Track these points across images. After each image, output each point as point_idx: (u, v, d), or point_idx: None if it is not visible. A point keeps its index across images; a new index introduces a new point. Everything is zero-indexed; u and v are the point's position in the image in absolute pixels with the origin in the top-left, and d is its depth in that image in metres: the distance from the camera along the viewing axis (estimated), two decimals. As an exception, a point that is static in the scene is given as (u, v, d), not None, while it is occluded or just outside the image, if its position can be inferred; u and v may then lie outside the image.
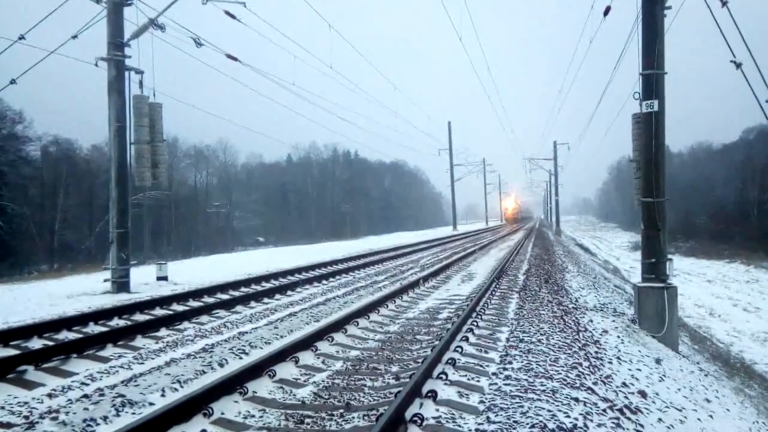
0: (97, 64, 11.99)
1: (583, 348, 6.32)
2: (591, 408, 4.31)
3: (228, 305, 9.17)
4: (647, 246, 9.00)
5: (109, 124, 12.13)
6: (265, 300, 10.04)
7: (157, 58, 12.43)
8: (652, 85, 8.53)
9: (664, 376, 6.24)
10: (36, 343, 6.65)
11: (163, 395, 4.68)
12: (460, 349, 5.83)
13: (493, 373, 5.08)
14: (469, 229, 53.47)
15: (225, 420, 4.14)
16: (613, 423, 4.11)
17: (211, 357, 5.87)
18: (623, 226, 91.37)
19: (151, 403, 4.47)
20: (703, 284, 27.18)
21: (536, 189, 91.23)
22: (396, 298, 9.72)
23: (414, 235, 46.91)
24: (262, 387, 4.87)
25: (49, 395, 4.74)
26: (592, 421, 4.04)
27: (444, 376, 4.87)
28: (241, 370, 4.84)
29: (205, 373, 5.33)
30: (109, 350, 6.34)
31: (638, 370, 6.05)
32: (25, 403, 4.53)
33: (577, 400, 4.43)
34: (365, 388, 4.87)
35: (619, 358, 6.29)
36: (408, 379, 4.66)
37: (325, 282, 12.75)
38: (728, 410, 6.19)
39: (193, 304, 9.47)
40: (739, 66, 7.88)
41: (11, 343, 6.58)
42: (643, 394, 5.15)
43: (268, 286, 11.66)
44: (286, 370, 5.35)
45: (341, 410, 4.31)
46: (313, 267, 15.44)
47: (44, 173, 49.77)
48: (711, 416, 5.46)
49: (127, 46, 12.12)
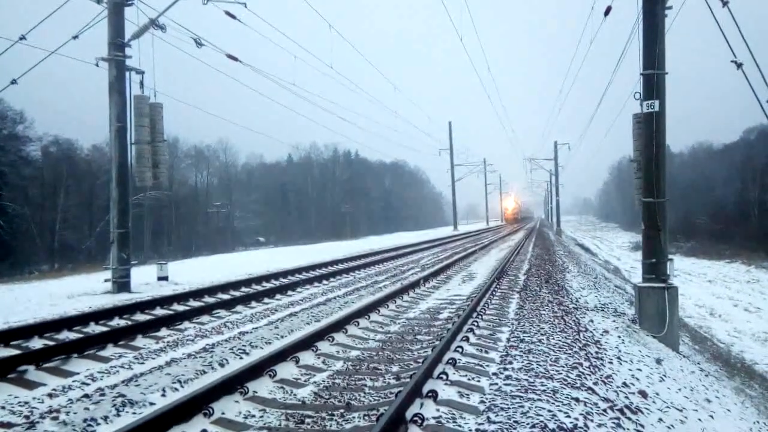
0: (97, 65, 12.00)
1: (583, 348, 6.32)
2: (591, 408, 4.31)
3: (228, 305, 9.18)
4: (648, 246, 9.00)
5: (110, 124, 12.14)
6: (266, 300, 10.04)
7: (158, 59, 12.46)
8: (653, 85, 8.53)
9: (665, 376, 6.24)
10: (37, 343, 6.65)
11: (164, 395, 4.69)
12: (461, 349, 5.83)
13: (494, 373, 5.08)
14: (470, 230, 53.45)
15: (225, 420, 4.15)
16: (614, 423, 4.11)
17: (212, 357, 5.88)
18: (624, 226, 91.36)
19: (152, 403, 4.48)
20: (703, 284, 27.17)
21: (537, 189, 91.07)
22: (396, 298, 9.72)
23: (414, 235, 46.92)
24: (263, 387, 4.87)
25: (50, 395, 4.75)
26: (592, 421, 4.04)
27: (444, 376, 4.87)
28: (242, 370, 4.85)
29: (205, 372, 5.33)
30: (110, 350, 6.35)
31: (639, 370, 6.04)
32: (26, 403, 4.54)
33: (577, 400, 4.43)
34: (366, 388, 4.88)
35: (619, 358, 6.29)
36: (408, 379, 4.66)
37: (325, 282, 12.75)
38: (729, 410, 6.18)
39: (194, 304, 9.48)
40: (739, 66, 7.88)
41: (12, 343, 6.59)
42: (643, 394, 5.15)
43: (268, 286, 11.66)
44: (287, 370, 5.35)
45: (342, 410, 4.31)
46: (314, 267, 15.45)
47: (45, 173, 49.82)
48: (711, 416, 5.45)
49: (128, 47, 12.13)
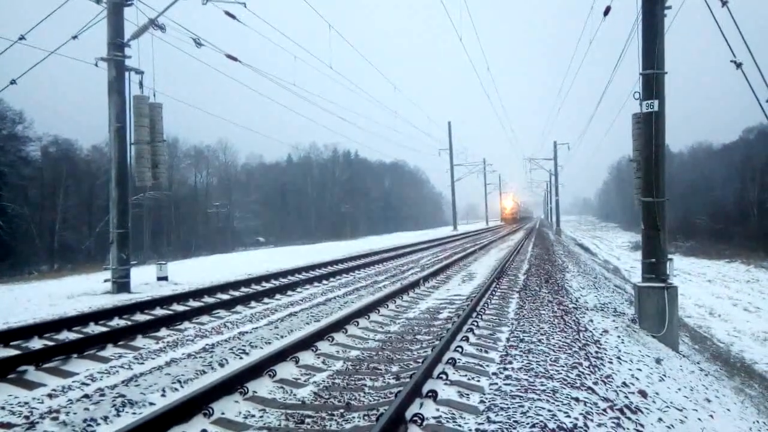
0: (97, 65, 12.00)
1: (583, 348, 6.32)
2: (591, 408, 4.31)
3: (228, 305, 9.17)
4: (647, 246, 9.01)
5: (110, 124, 12.14)
6: (266, 300, 10.04)
7: (157, 59, 12.46)
8: (652, 84, 8.54)
9: (665, 375, 6.25)
10: (36, 344, 6.65)
11: (164, 395, 4.69)
12: (461, 349, 5.83)
13: (494, 373, 5.08)
14: (470, 229, 53.47)
15: (225, 420, 4.15)
16: (614, 423, 4.11)
17: (212, 357, 5.88)
18: (623, 226, 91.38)
19: (152, 403, 4.48)
20: (703, 284, 27.18)
21: (536, 189, 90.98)
22: (396, 298, 9.72)
23: (414, 235, 46.92)
24: (263, 387, 4.87)
25: (50, 395, 4.75)
26: (592, 420, 4.05)
27: (444, 376, 4.87)
28: (242, 370, 4.85)
29: (205, 373, 5.33)
30: (110, 350, 6.34)
31: (638, 369, 6.05)
32: (26, 403, 4.53)
33: (577, 399, 4.43)
34: (365, 388, 4.87)
35: (619, 358, 6.30)
36: (408, 379, 4.66)
37: (325, 282, 12.75)
38: (729, 410, 6.19)
39: (194, 304, 9.47)
40: (739, 66, 7.89)
41: (12, 344, 6.59)
42: (643, 394, 5.15)
43: (268, 286, 11.66)
44: (287, 370, 5.35)
45: (341, 410, 4.31)
46: (313, 267, 15.44)
47: (44, 174, 49.79)
48: (711, 416, 5.46)
49: (127, 47, 12.13)
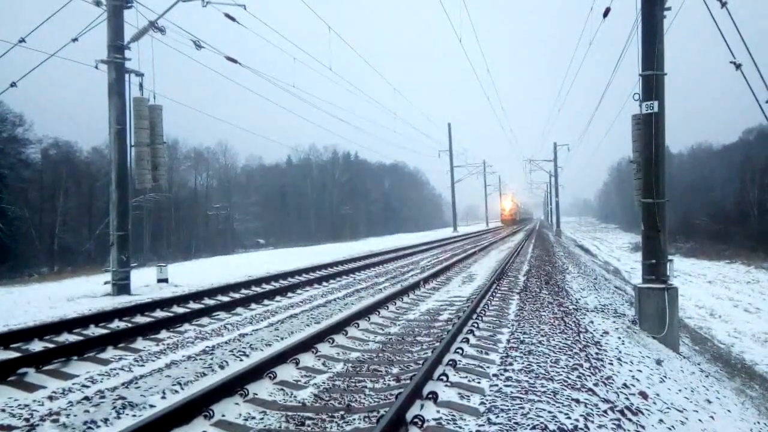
0: (97, 67, 12.01)
1: (583, 349, 6.31)
2: (592, 409, 4.31)
3: (228, 307, 9.17)
4: (647, 247, 9.01)
5: (110, 126, 12.15)
6: (266, 302, 10.03)
7: (157, 61, 12.46)
8: (652, 86, 8.54)
9: (665, 377, 6.24)
10: (36, 346, 6.65)
11: (164, 397, 4.68)
12: (461, 351, 5.83)
13: (494, 375, 5.08)
14: (470, 231, 53.46)
15: (226, 422, 4.14)
16: (614, 424, 4.11)
17: (212, 359, 5.87)
18: (623, 227, 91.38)
19: (152, 405, 4.47)
20: (703, 285, 27.16)
21: (536, 190, 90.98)
22: (396, 300, 9.72)
23: (414, 236, 46.92)
24: (263, 389, 4.87)
25: (50, 397, 4.74)
26: (593, 422, 4.04)
27: (445, 378, 4.87)
28: (242, 372, 4.84)
29: (205, 375, 5.33)
30: (110, 352, 6.34)
31: (639, 371, 6.04)
32: (26, 406, 4.53)
33: (578, 401, 4.43)
34: (366, 390, 4.87)
35: (619, 359, 6.29)
36: (409, 381, 4.65)
37: (325, 284, 12.74)
38: (729, 411, 6.18)
39: (194, 306, 9.47)
40: (738, 67, 7.90)
41: (12, 346, 6.58)
42: (644, 395, 5.14)
43: (268, 287, 11.66)
44: (287, 372, 5.35)
45: (342, 412, 4.31)
46: (314, 269, 15.44)
47: (44, 176, 49.79)
48: (712, 417, 5.45)
49: (127, 49, 12.14)
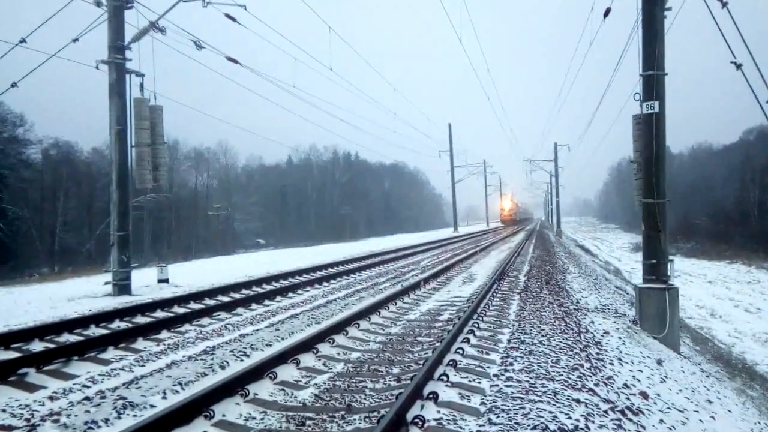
0: (97, 67, 12.01)
1: (584, 349, 6.31)
2: (592, 409, 4.31)
3: (229, 307, 9.17)
4: (648, 247, 9.00)
5: (110, 127, 12.15)
6: (266, 302, 10.03)
7: (158, 61, 12.47)
8: (653, 86, 8.54)
9: (666, 377, 6.24)
10: (37, 346, 6.65)
11: (165, 397, 4.68)
12: (462, 351, 5.83)
13: (495, 375, 5.08)
14: (470, 231, 53.45)
15: (226, 422, 4.14)
16: (615, 424, 4.10)
17: (212, 359, 5.88)
18: (624, 227, 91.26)
19: (153, 406, 4.48)
20: (704, 285, 27.12)
21: (537, 191, 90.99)
22: (397, 300, 9.72)
23: (414, 236, 46.90)
24: (263, 389, 4.87)
25: (51, 398, 4.74)
26: (593, 422, 4.04)
27: (445, 378, 4.87)
28: (242, 372, 4.84)
29: (206, 375, 5.33)
30: (111, 352, 6.34)
31: (639, 371, 6.04)
32: (27, 406, 4.53)
33: (578, 401, 4.42)
34: (366, 390, 4.87)
35: (620, 360, 6.29)
36: (409, 381, 4.65)
37: (325, 284, 12.74)
38: (730, 411, 6.17)
39: (194, 306, 9.47)
40: (739, 67, 7.90)
41: (12, 346, 6.58)
42: (644, 396, 5.14)
43: (268, 288, 11.66)
44: (287, 372, 5.35)
45: (342, 412, 4.31)
46: (314, 269, 15.43)
47: (45, 176, 49.86)
48: (713, 417, 5.45)
49: (128, 49, 12.14)
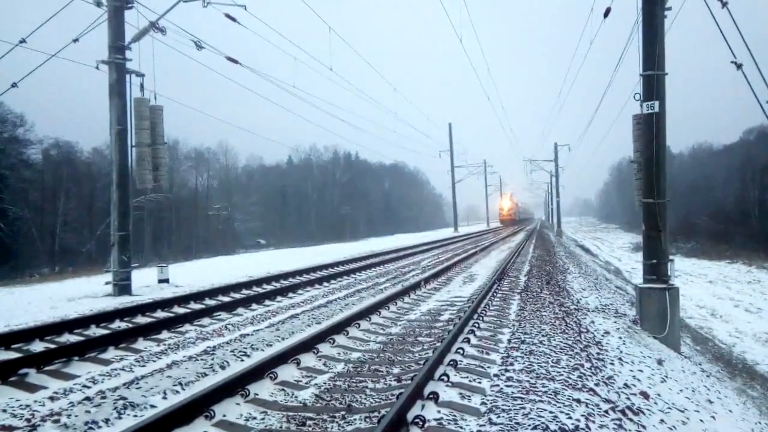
0: (98, 67, 12.02)
1: (584, 349, 6.31)
2: (593, 409, 4.30)
3: (229, 307, 9.17)
4: (648, 247, 9.00)
5: (110, 127, 12.15)
6: (267, 302, 10.03)
7: (158, 61, 12.47)
8: (653, 86, 8.53)
9: (666, 377, 6.23)
10: (38, 346, 6.66)
11: (165, 397, 4.69)
12: (462, 351, 5.83)
13: (495, 375, 5.08)
14: (470, 231, 53.44)
15: (227, 422, 4.14)
16: (615, 424, 4.10)
17: (213, 359, 5.88)
18: (624, 227, 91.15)
19: (153, 406, 4.48)
20: (704, 285, 27.10)
21: (537, 191, 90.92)
22: (397, 300, 9.72)
23: (415, 236, 46.87)
24: (264, 389, 4.87)
25: (51, 398, 4.75)
26: (594, 422, 4.04)
27: (446, 378, 4.87)
28: (243, 373, 4.85)
29: (206, 375, 5.33)
30: (111, 353, 6.34)
31: (640, 371, 6.04)
32: (27, 406, 4.53)
33: (579, 401, 4.42)
34: (367, 390, 4.87)
35: (620, 359, 6.28)
36: (410, 381, 4.65)
37: (326, 284, 12.75)
38: (730, 411, 6.17)
39: (195, 306, 9.48)
40: (739, 67, 7.89)
41: (13, 346, 6.59)
42: (645, 395, 5.14)
43: (269, 288, 11.66)
44: (288, 372, 5.35)
45: (343, 412, 4.31)
46: (314, 269, 15.44)
47: (45, 176, 49.86)
48: (713, 417, 5.44)
49: (128, 49, 12.15)
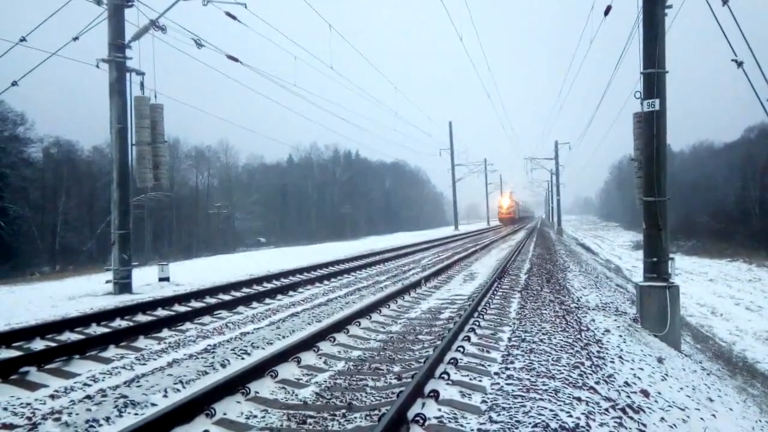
0: (98, 66, 12.01)
1: (585, 347, 6.31)
2: (593, 407, 4.31)
3: (230, 306, 9.18)
4: (649, 245, 8.99)
5: (111, 125, 12.15)
6: (267, 300, 10.04)
7: (158, 60, 12.46)
8: (654, 84, 8.52)
9: (667, 375, 6.23)
10: (38, 344, 6.66)
11: (166, 396, 4.69)
12: (462, 349, 5.83)
13: (495, 373, 5.08)
14: (471, 229, 53.44)
15: (227, 420, 4.15)
16: (616, 422, 4.10)
17: (213, 357, 5.88)
18: (625, 226, 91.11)
19: (154, 404, 4.48)
20: (705, 283, 27.11)
21: (537, 189, 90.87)
22: (398, 298, 9.72)
23: (415, 235, 46.85)
24: (264, 387, 4.87)
25: (52, 396, 4.75)
26: (594, 420, 4.04)
27: (446, 376, 4.87)
28: (243, 371, 4.85)
29: (207, 373, 5.33)
30: (112, 351, 6.35)
31: (640, 369, 6.04)
32: (28, 404, 4.54)
33: (579, 399, 4.43)
34: (367, 388, 4.87)
35: (621, 358, 6.29)
36: (410, 379, 4.65)
37: (326, 282, 12.75)
38: (731, 409, 6.17)
39: (195, 304, 9.48)
40: (740, 65, 7.88)
41: (14, 345, 6.59)
42: (645, 394, 5.14)
43: (269, 286, 11.66)
44: (288, 371, 5.35)
45: (343, 410, 4.31)
46: (315, 267, 15.44)
47: (46, 175, 49.91)
48: (714, 415, 5.44)
49: (128, 48, 12.14)
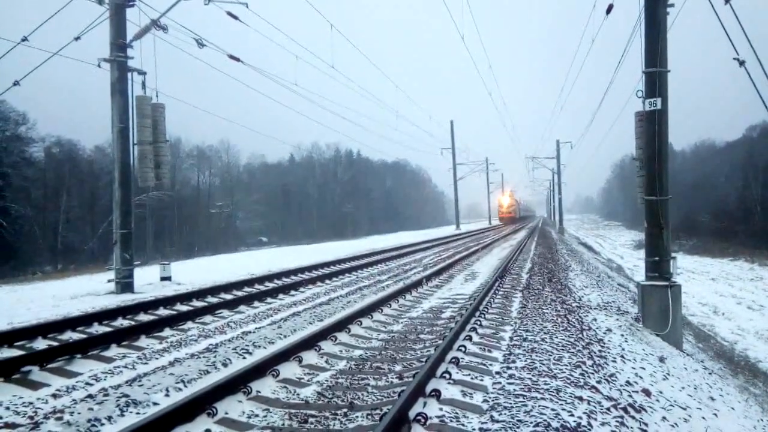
0: (99, 66, 12.03)
1: (586, 347, 6.31)
2: (595, 407, 4.30)
3: (231, 305, 9.19)
4: (651, 244, 8.98)
5: (112, 125, 12.17)
6: (269, 300, 10.05)
7: (160, 59, 12.47)
8: (655, 82, 8.50)
9: (668, 374, 6.23)
10: (40, 344, 6.68)
11: (167, 395, 4.70)
12: (464, 349, 5.83)
13: (497, 372, 5.08)
14: (472, 228, 53.42)
15: (229, 420, 4.15)
16: (617, 422, 4.10)
17: (215, 357, 5.89)
18: (626, 225, 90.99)
19: (156, 403, 4.49)
20: (706, 282, 27.06)
21: (539, 188, 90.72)
22: (399, 298, 9.72)
23: (416, 234, 46.84)
24: (266, 386, 4.88)
25: (54, 395, 4.76)
26: (596, 419, 4.04)
27: (447, 376, 4.87)
28: (245, 370, 4.85)
29: (209, 372, 5.34)
30: (114, 350, 6.36)
31: (642, 368, 6.03)
32: (30, 404, 4.55)
33: (581, 398, 4.42)
34: (369, 388, 4.88)
35: (623, 357, 6.28)
36: (411, 379, 4.66)
37: (328, 282, 12.76)
38: (733, 408, 6.16)
39: (197, 304, 9.49)
40: (742, 63, 7.86)
41: (16, 344, 6.61)
42: (647, 393, 5.14)
43: (271, 285, 11.67)
44: (290, 370, 5.36)
45: (345, 410, 4.32)
46: (316, 267, 15.45)
47: (47, 174, 49.98)
48: (715, 414, 5.43)
49: (130, 47, 12.15)
